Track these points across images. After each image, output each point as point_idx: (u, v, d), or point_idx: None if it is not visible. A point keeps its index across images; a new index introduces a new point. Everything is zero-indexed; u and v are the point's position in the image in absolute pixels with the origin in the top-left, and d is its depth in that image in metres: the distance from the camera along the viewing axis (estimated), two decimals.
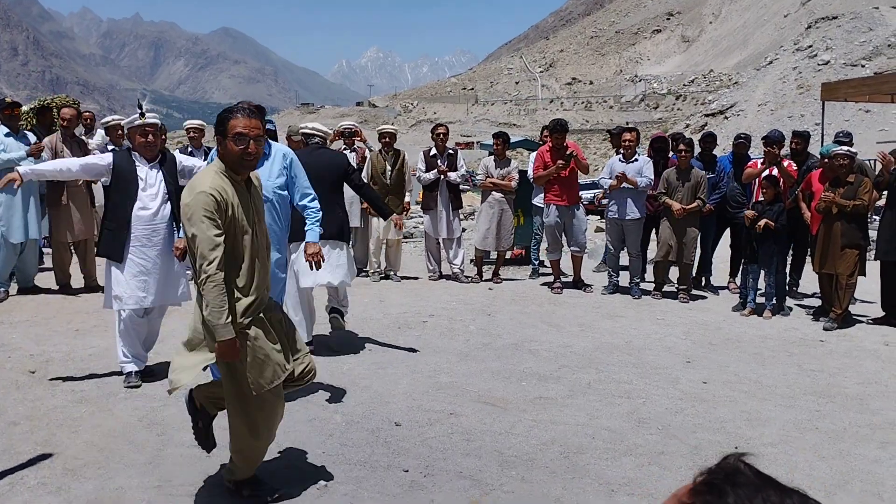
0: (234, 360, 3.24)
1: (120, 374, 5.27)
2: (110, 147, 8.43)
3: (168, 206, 5.22)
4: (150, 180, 5.17)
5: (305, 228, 4.99)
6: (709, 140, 9.25)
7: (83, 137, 8.63)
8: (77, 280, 8.23)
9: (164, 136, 9.24)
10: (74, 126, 8.22)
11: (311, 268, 4.94)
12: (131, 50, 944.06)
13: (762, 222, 7.50)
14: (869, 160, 14.97)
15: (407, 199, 9.34)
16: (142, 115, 5.13)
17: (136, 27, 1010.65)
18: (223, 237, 3.17)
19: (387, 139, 9.21)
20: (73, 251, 8.26)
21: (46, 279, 8.27)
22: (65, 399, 4.85)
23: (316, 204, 5.01)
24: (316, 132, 6.33)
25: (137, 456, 3.99)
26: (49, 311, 7.29)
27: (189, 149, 9.54)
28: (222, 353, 3.21)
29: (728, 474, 0.92)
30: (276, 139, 9.59)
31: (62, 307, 7.47)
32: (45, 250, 9.32)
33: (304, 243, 5.04)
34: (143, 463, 3.90)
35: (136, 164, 5.15)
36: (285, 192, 4.97)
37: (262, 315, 3.38)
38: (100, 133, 9.32)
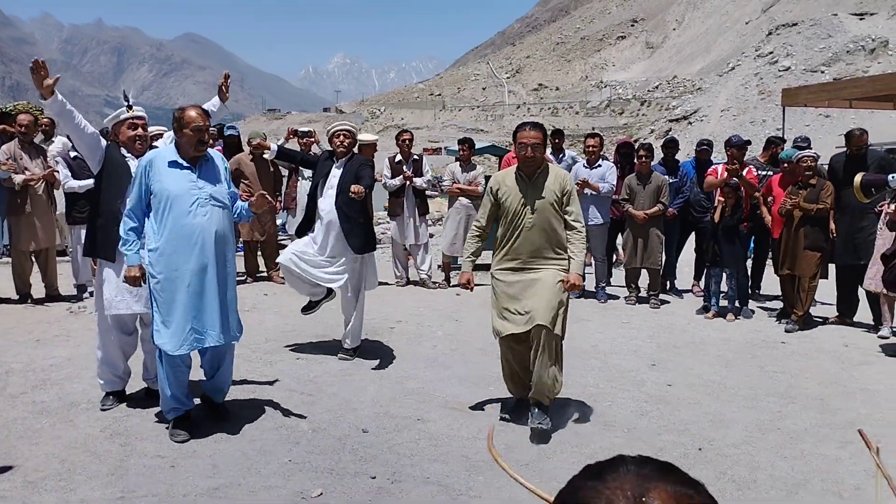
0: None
1: (80, 385, 5.20)
2: (73, 154, 8.31)
3: None
4: None
5: None
6: (671, 145, 9.37)
7: (42, 145, 8.49)
8: (38, 290, 8.09)
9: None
10: (33, 133, 8.08)
11: None
12: (94, 55, 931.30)
13: (718, 210, 7.67)
14: (827, 164, 15.24)
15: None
16: (129, 107, 4.77)
17: (98, 33, 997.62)
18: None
19: (366, 150, 9.20)
20: (33, 260, 8.12)
21: (6, 288, 8.12)
22: (25, 410, 4.76)
23: None
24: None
25: (100, 467, 3.93)
26: (9, 321, 7.16)
27: None
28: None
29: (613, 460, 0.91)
30: (240, 145, 9.56)
31: (22, 317, 7.34)
32: None
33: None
34: (105, 474, 3.84)
35: (127, 157, 4.78)
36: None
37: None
38: (61, 140, 9.16)
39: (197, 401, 4.75)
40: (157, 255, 4.28)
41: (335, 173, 5.99)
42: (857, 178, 7.03)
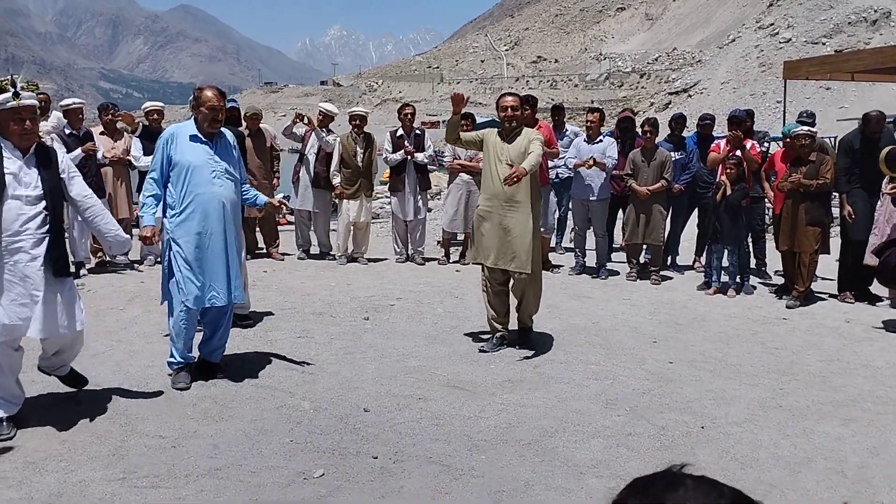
0: None
1: (79, 364, 5.15)
2: (67, 131, 8.23)
3: (41, 207, 4.07)
4: (27, 178, 4.04)
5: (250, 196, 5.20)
6: (679, 121, 9.24)
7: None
8: None
9: (111, 115, 9.01)
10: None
11: None
12: (88, 28, 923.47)
13: (721, 191, 7.61)
14: (829, 137, 15.15)
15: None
16: (16, 94, 4.01)
17: (92, 4, 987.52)
18: None
19: (357, 122, 9.09)
20: None
21: None
22: (25, 390, 4.73)
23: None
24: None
25: (101, 448, 3.92)
26: None
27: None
28: None
29: (666, 477, 0.92)
30: (239, 118, 9.43)
31: None
32: None
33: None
34: (106, 455, 3.83)
35: (6, 156, 4.01)
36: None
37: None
38: (56, 115, 9.06)
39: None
40: (182, 220, 4.69)
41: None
42: (884, 151, 6.98)
